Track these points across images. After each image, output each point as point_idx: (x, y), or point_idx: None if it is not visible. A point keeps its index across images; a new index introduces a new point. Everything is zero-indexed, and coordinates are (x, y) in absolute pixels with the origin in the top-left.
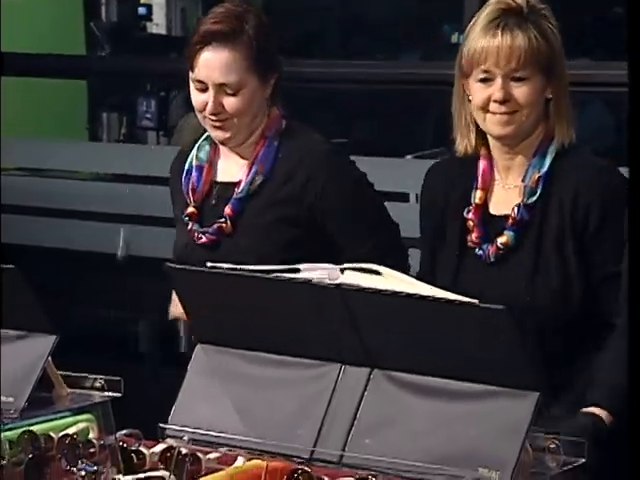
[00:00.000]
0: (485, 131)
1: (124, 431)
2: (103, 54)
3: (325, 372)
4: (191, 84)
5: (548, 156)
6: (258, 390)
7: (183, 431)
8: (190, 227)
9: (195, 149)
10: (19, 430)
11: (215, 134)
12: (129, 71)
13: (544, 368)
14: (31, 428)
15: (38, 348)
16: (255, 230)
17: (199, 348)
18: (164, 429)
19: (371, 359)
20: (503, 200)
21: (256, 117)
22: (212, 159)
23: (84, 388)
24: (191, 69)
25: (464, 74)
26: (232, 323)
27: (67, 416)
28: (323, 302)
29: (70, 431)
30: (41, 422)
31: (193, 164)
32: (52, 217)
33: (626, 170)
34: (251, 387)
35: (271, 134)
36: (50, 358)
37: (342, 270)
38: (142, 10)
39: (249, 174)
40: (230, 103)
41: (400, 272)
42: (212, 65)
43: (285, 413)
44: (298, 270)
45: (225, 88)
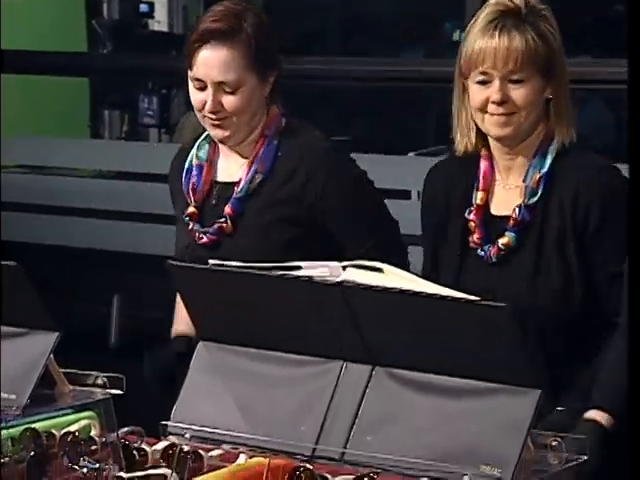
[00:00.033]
0: (484, 131)
1: (126, 428)
2: (105, 52)
3: (327, 369)
4: (190, 83)
5: (549, 156)
6: (260, 387)
7: (185, 428)
8: (191, 227)
9: (195, 148)
10: (21, 427)
11: (214, 133)
12: (131, 69)
13: (545, 367)
14: (33, 425)
15: (40, 345)
16: (255, 230)
17: (201, 345)
18: (166, 426)
19: (372, 356)
20: (504, 200)
21: (255, 115)
22: (212, 158)
23: (86, 385)
24: (190, 67)
25: (463, 74)
26: (234, 320)
27: (69, 413)
28: (324, 299)
29: (72, 428)
30: (43, 419)
31: (193, 163)
32: (54, 215)
33: (626, 167)
34: (253, 384)
35: (271, 132)
36: (52, 355)
37: (344, 267)
38: (144, 7)
39: (249, 173)
40: (229, 101)
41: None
42: (211, 63)
43: (287, 410)
44: (300, 267)
45: (224, 86)
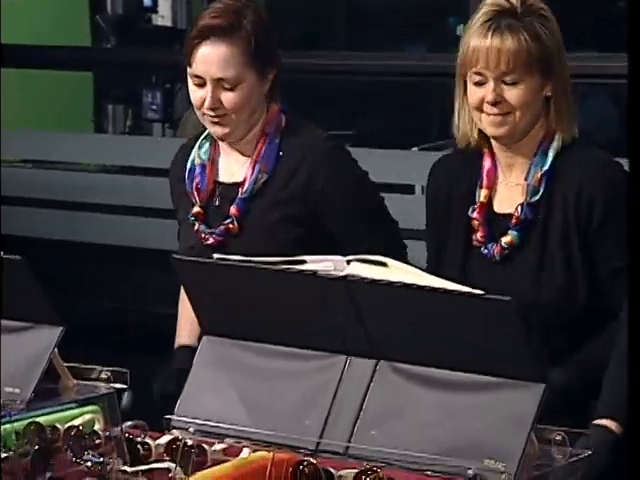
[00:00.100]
0: (482, 130)
1: (130, 422)
2: (108, 46)
3: (331, 364)
4: (189, 80)
5: (550, 154)
6: (264, 381)
7: (189, 422)
8: (197, 228)
9: (196, 148)
10: (25, 421)
11: (214, 130)
12: (134, 63)
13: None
14: (37, 419)
15: (44, 339)
16: (261, 230)
17: (205, 340)
18: (170, 420)
19: (377, 351)
20: (507, 198)
21: (254, 113)
22: (213, 157)
23: (90, 380)
24: (189, 64)
25: (461, 73)
26: (238, 315)
27: (73, 407)
28: (329, 293)
29: (76, 422)
30: (47, 413)
31: (196, 163)
32: (57, 209)
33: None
34: (257, 378)
35: (271, 131)
36: (56, 349)
37: (348, 262)
38: (147, 2)
39: (253, 173)
40: (228, 98)
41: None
42: (210, 60)
43: (291, 404)
44: (304, 262)
45: (223, 83)
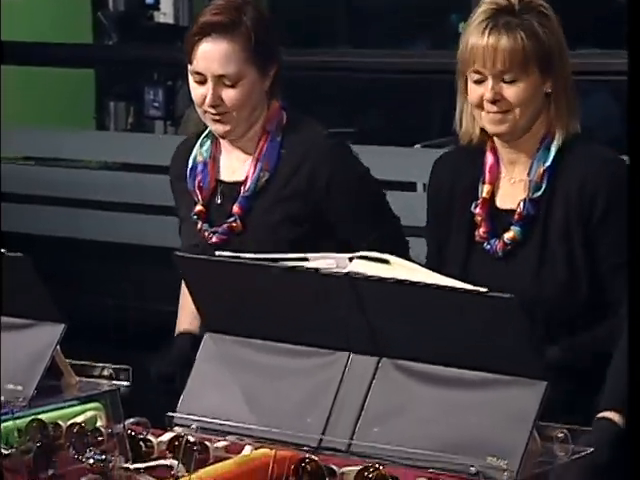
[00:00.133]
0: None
1: (132, 419)
2: (110, 43)
3: (333, 360)
4: (190, 77)
5: (552, 150)
6: (266, 379)
7: (191, 419)
8: (200, 227)
9: (198, 145)
10: (27, 418)
11: (215, 127)
12: (136, 60)
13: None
14: (39, 416)
15: (46, 337)
16: (264, 228)
17: (207, 337)
18: (172, 417)
19: (379, 348)
20: (509, 194)
21: (255, 110)
22: (214, 155)
23: (92, 377)
24: (190, 61)
25: (461, 71)
26: (240, 312)
27: (75, 404)
28: (331, 291)
29: (78, 419)
30: (49, 410)
31: (197, 161)
32: (59, 206)
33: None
34: (259, 376)
35: (273, 128)
36: (59, 347)
37: (350, 259)
38: None
39: (254, 171)
40: (229, 95)
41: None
42: (211, 56)
43: (293, 402)
44: (306, 259)
45: (224, 79)
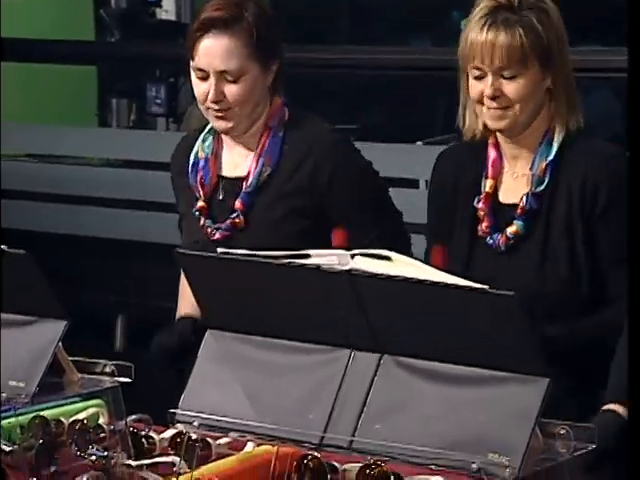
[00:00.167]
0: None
1: (134, 416)
2: (112, 40)
3: (335, 357)
4: (192, 74)
5: (554, 144)
6: (268, 376)
7: (193, 416)
8: (202, 223)
9: (200, 141)
10: (30, 415)
11: (217, 124)
12: (138, 57)
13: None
14: (42, 413)
15: (49, 333)
16: (266, 224)
17: (209, 334)
18: (174, 414)
19: (380, 345)
20: (512, 188)
21: (258, 105)
22: (216, 151)
23: (94, 373)
24: (191, 58)
25: (463, 67)
26: (242, 309)
27: (77, 401)
28: (332, 287)
29: (80, 416)
30: (52, 407)
31: (199, 156)
32: (61, 203)
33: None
34: (261, 373)
35: (275, 124)
36: (61, 343)
37: (352, 256)
38: None
39: (257, 167)
40: (231, 91)
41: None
42: (213, 52)
43: (295, 399)
44: (308, 256)
45: (226, 75)
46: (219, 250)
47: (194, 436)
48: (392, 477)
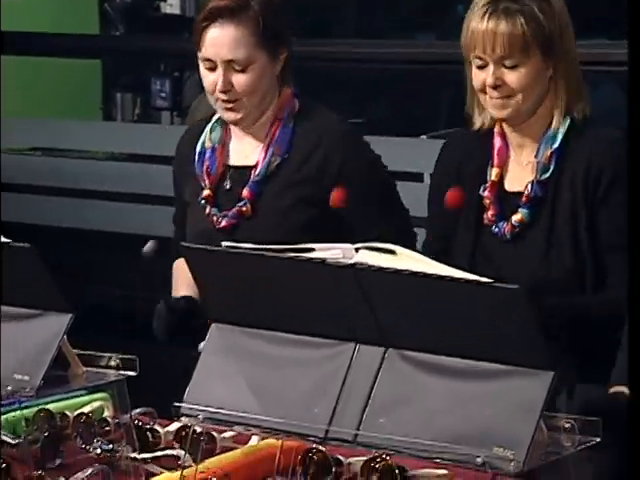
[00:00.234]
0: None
1: (139, 410)
2: (117, 34)
3: (340, 351)
4: (200, 65)
5: (559, 132)
6: (272, 369)
7: (198, 410)
8: (208, 211)
9: (207, 131)
10: (35, 408)
11: (226, 116)
12: (143, 51)
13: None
14: (47, 406)
15: (53, 327)
16: (274, 213)
17: (214, 327)
18: (179, 408)
19: (385, 338)
20: (518, 176)
21: (266, 95)
22: (224, 140)
23: (99, 367)
24: (198, 48)
25: (466, 56)
26: (247, 302)
27: (82, 395)
28: (337, 281)
29: (85, 409)
30: (57, 400)
31: (206, 146)
32: (66, 197)
33: None
34: (266, 366)
35: (285, 115)
36: (65, 337)
37: (356, 249)
38: None
39: (266, 156)
40: (239, 80)
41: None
42: (220, 42)
43: (300, 392)
44: (313, 250)
45: (234, 65)
46: (224, 244)
47: (199, 430)
48: (397, 471)
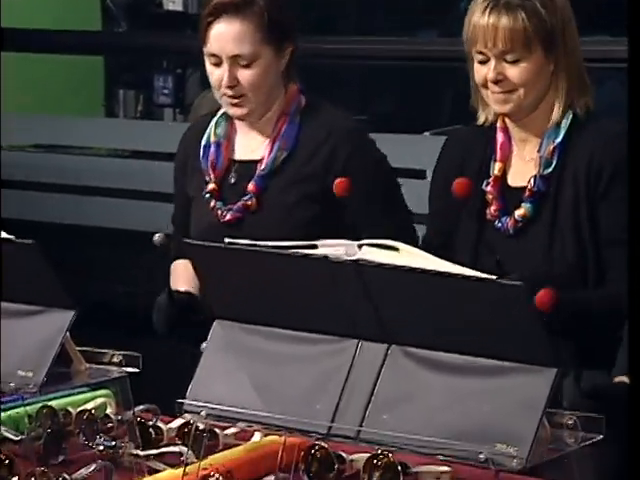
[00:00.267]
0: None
1: (142, 406)
2: (120, 30)
3: (343, 348)
4: (206, 61)
5: (562, 126)
6: (275, 366)
7: (201, 406)
8: (213, 205)
9: (213, 125)
10: (38, 405)
11: (232, 111)
12: (145, 48)
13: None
14: (50, 403)
15: (56, 323)
16: (279, 208)
17: (216, 324)
18: (182, 404)
19: (388, 335)
20: (521, 172)
21: (272, 91)
22: (229, 135)
23: (102, 363)
24: (204, 43)
25: (468, 51)
26: (249, 299)
27: (85, 391)
28: (340, 278)
29: (88, 406)
30: (59, 397)
31: (211, 140)
32: (68, 193)
33: None
34: (268, 363)
35: (291, 111)
36: (68, 333)
37: (359, 246)
38: None
39: (272, 150)
40: (245, 75)
41: None
42: (225, 37)
43: (302, 389)
44: (315, 246)
45: (239, 60)
46: (226, 240)
47: (201, 426)
48: (399, 467)
